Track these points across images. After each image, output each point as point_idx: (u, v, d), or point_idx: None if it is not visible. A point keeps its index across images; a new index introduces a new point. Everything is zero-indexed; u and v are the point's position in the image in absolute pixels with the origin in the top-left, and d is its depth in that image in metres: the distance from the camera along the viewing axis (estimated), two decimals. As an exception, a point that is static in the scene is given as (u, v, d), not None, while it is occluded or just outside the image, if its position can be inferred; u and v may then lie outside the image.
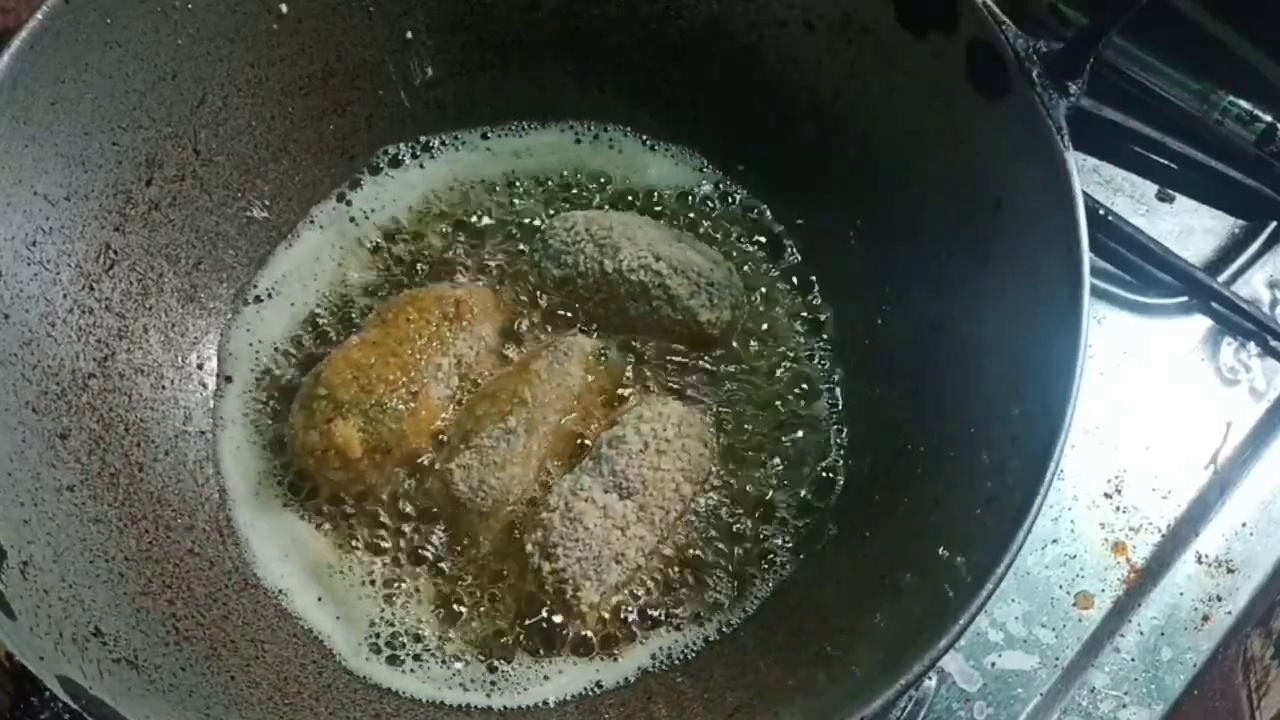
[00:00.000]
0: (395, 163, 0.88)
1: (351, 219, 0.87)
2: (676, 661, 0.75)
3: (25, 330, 0.69)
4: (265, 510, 0.79)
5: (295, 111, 0.82)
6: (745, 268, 0.86)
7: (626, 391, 0.82)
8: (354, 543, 0.78)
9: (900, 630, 0.64)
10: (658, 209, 0.88)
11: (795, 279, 0.86)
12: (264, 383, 0.82)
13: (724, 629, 0.76)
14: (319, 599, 0.76)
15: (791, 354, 0.84)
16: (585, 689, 0.74)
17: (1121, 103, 0.96)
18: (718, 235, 0.88)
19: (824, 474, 0.80)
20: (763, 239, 0.88)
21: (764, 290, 0.86)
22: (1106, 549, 0.86)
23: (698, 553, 0.78)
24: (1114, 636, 0.83)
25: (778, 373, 0.83)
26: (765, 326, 0.85)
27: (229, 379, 0.82)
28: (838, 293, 0.85)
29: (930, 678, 0.79)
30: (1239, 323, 0.93)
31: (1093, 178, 0.97)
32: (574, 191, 0.89)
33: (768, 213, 0.88)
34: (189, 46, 0.74)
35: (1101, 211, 0.92)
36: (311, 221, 0.86)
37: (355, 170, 0.87)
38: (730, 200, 0.89)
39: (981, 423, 0.69)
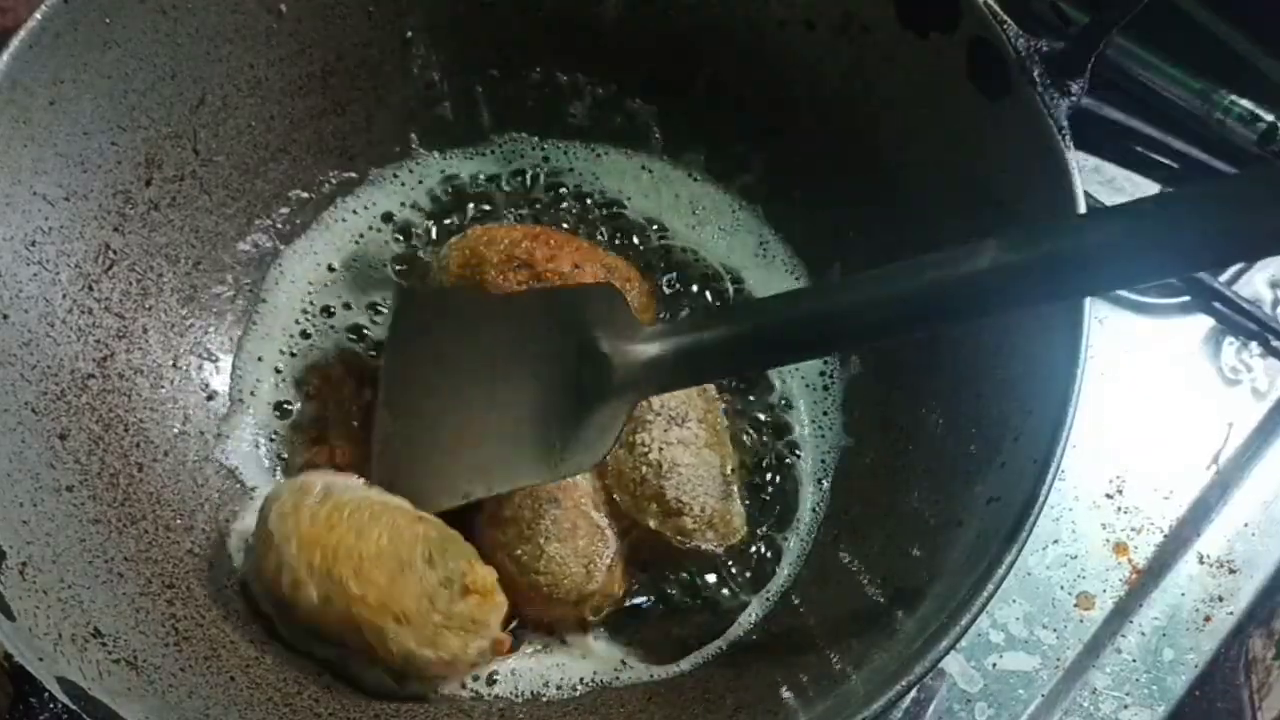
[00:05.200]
0: (395, 164, 0.88)
1: (352, 220, 0.87)
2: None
3: (24, 330, 0.69)
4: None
5: (295, 111, 0.82)
6: (745, 268, 0.86)
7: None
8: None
9: (901, 631, 0.64)
10: (656, 210, 0.88)
11: (795, 279, 0.86)
12: (264, 383, 0.82)
13: (726, 630, 0.76)
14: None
15: (792, 354, 0.84)
16: (594, 685, 0.74)
17: (1123, 102, 0.96)
18: (716, 235, 0.88)
19: (824, 474, 0.80)
20: (762, 239, 0.87)
21: (763, 291, 0.86)
22: (1108, 549, 0.85)
23: (698, 555, 0.78)
24: (1115, 637, 0.83)
25: (778, 372, 0.83)
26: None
27: (229, 379, 0.82)
28: (838, 293, 0.85)
29: (933, 678, 0.79)
30: (1240, 323, 0.93)
31: (1094, 177, 0.97)
32: (571, 193, 0.89)
33: (766, 212, 0.88)
34: (188, 46, 0.74)
35: (1103, 211, 0.92)
36: (312, 222, 0.86)
37: (355, 170, 0.87)
38: (729, 200, 0.89)
39: (982, 423, 0.69)
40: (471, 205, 0.88)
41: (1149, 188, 0.98)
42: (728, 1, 0.81)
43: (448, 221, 0.87)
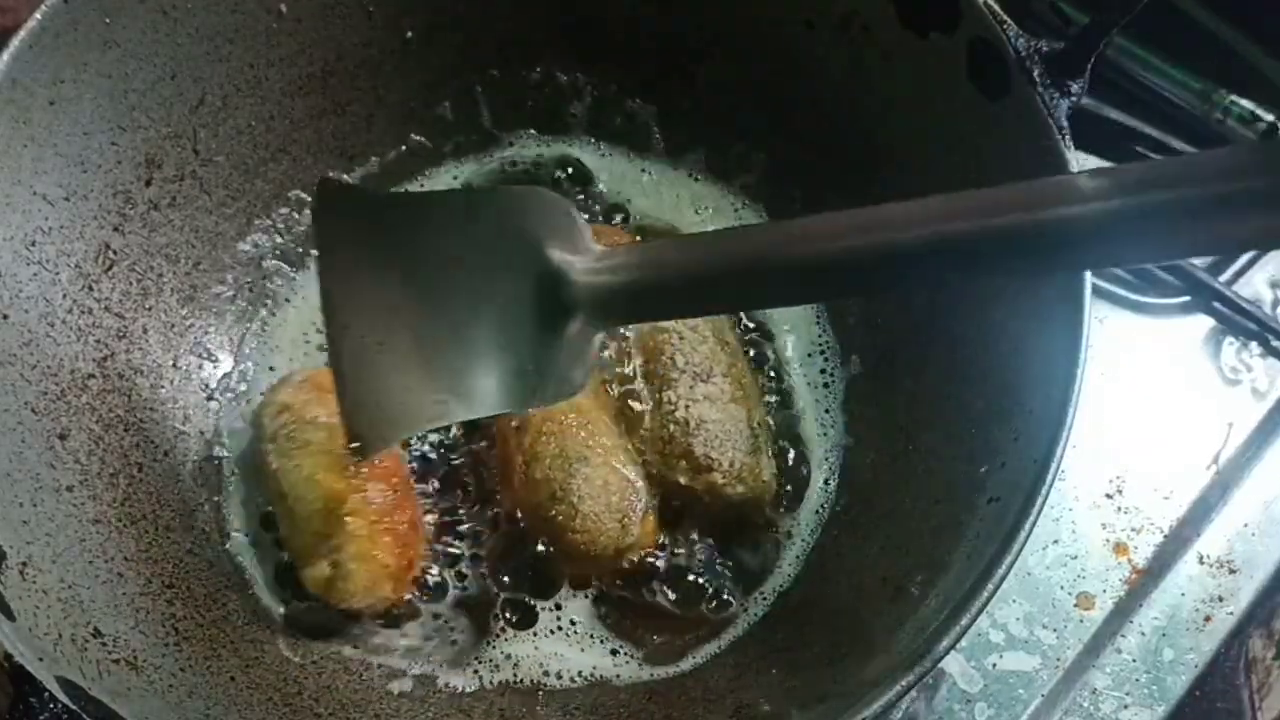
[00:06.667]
0: (396, 165, 0.88)
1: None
2: (677, 662, 0.75)
3: (25, 330, 0.69)
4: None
5: (295, 111, 0.82)
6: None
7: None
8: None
9: (901, 631, 0.64)
10: (658, 210, 0.88)
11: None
12: (264, 383, 0.82)
13: (726, 630, 0.76)
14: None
15: (792, 356, 0.84)
16: (594, 679, 0.74)
17: (1123, 102, 0.96)
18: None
19: (825, 475, 0.80)
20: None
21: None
22: (1108, 549, 0.85)
23: (700, 556, 0.78)
24: (1115, 637, 0.83)
25: (779, 374, 0.83)
26: (765, 328, 0.85)
27: (229, 379, 0.82)
28: (838, 293, 0.85)
29: (933, 678, 0.79)
30: (1240, 323, 0.93)
31: (1094, 177, 0.97)
32: (573, 194, 0.89)
33: (769, 211, 0.88)
34: (188, 46, 0.74)
35: (1103, 211, 0.91)
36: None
37: (355, 171, 0.87)
38: (730, 200, 0.89)
39: (982, 423, 0.69)
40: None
41: (1149, 188, 0.98)
42: (728, 1, 0.81)
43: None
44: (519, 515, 0.76)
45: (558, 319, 0.60)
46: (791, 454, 0.81)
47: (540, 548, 0.76)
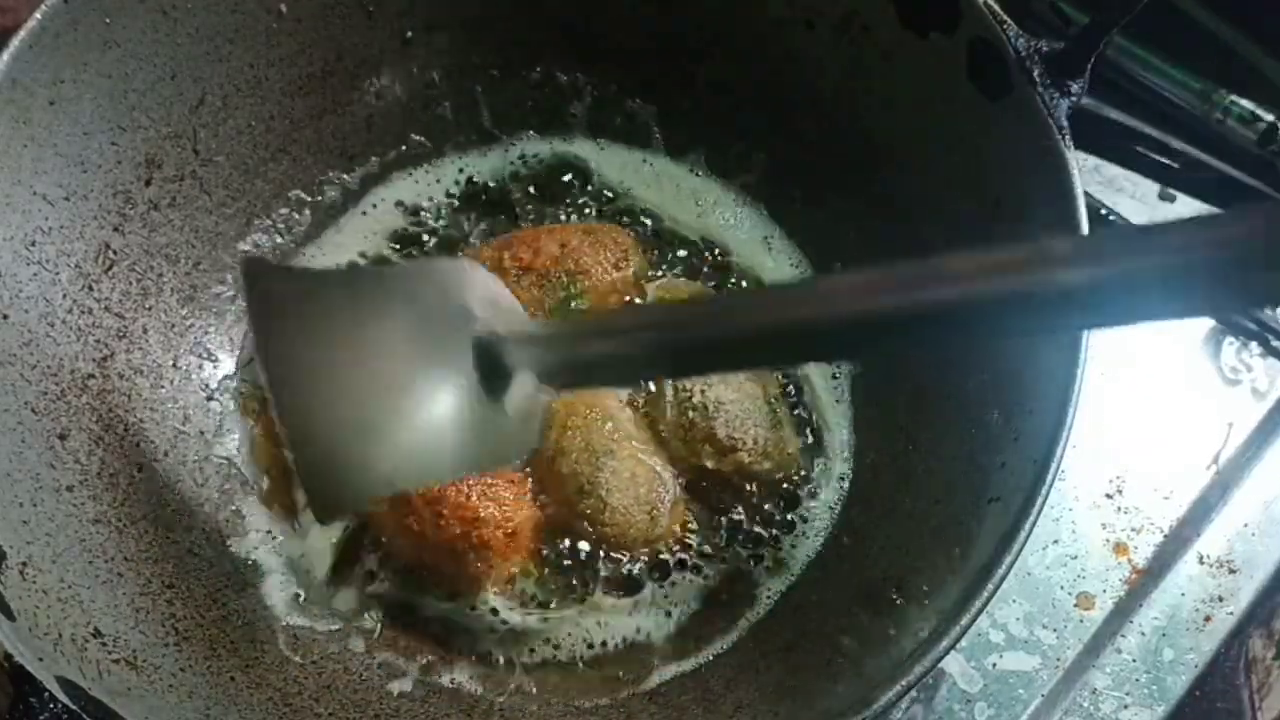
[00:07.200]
0: (396, 164, 0.88)
1: (351, 219, 0.87)
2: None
3: (24, 330, 0.69)
4: (264, 511, 0.78)
5: (295, 111, 0.82)
6: (743, 268, 0.86)
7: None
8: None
9: (901, 631, 0.64)
10: (657, 214, 0.88)
11: (801, 273, 0.86)
12: (265, 384, 0.82)
13: (724, 630, 0.76)
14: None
15: (792, 354, 0.84)
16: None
17: (1123, 102, 0.96)
18: (715, 234, 0.87)
19: (825, 475, 0.80)
20: (761, 239, 0.87)
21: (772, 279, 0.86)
22: (1108, 550, 0.85)
23: (699, 554, 0.78)
24: (1115, 637, 0.83)
25: (777, 373, 0.83)
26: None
27: (229, 379, 0.82)
28: (838, 292, 0.85)
29: (933, 678, 0.79)
30: (1240, 323, 0.93)
31: (1094, 177, 0.97)
32: (574, 193, 0.89)
33: (766, 212, 0.88)
34: (188, 46, 0.74)
35: (1103, 211, 0.92)
36: (312, 222, 0.86)
37: (355, 171, 0.87)
38: (732, 198, 0.89)
39: (982, 423, 0.69)
40: (457, 217, 0.88)
41: (1149, 188, 0.98)
42: (728, 1, 0.81)
43: (445, 226, 0.88)
44: (546, 510, 0.76)
45: (494, 387, 0.61)
46: (792, 455, 0.81)
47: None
